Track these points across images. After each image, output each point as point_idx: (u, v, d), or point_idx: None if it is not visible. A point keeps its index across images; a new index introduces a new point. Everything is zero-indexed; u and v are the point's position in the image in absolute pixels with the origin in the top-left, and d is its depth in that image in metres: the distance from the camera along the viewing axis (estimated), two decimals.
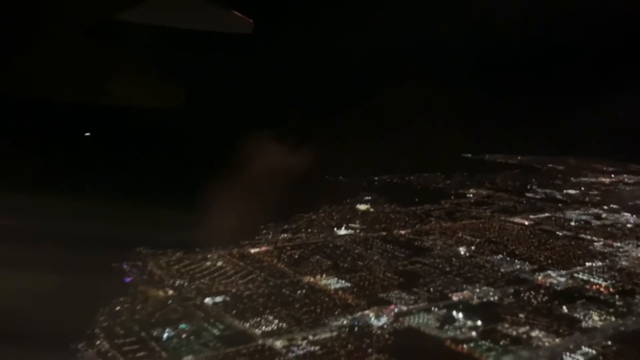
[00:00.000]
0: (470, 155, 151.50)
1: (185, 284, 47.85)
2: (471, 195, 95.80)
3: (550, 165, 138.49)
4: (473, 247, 63.22)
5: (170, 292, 45.79)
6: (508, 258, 59.69)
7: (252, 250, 58.63)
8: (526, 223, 76.74)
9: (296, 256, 57.58)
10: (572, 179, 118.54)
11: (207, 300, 44.48)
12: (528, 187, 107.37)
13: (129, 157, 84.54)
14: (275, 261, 55.66)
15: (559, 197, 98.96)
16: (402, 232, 69.10)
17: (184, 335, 37.77)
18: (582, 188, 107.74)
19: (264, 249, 59.47)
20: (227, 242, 60.44)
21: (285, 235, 64.89)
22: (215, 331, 38.69)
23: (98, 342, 35.92)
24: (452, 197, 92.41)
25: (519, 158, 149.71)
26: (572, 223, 77.68)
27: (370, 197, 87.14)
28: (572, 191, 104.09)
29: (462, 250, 62.12)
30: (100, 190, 61.86)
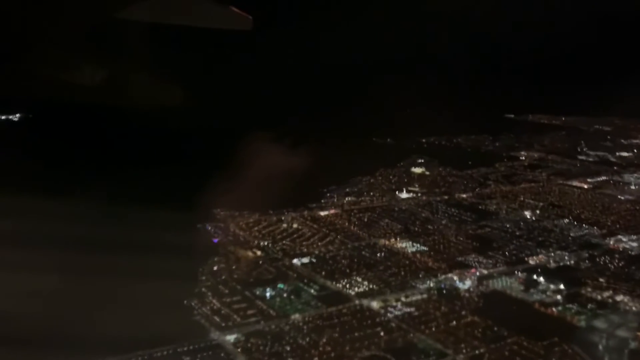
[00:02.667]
0: (513, 115, 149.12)
1: (270, 244, 49.93)
2: (523, 157, 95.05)
3: (597, 126, 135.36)
4: (538, 211, 63.60)
5: (259, 252, 47.96)
6: (575, 222, 60.00)
7: (322, 213, 60.25)
8: (585, 187, 76.30)
9: (365, 219, 59.02)
10: (623, 140, 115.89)
11: (295, 261, 46.50)
12: (579, 149, 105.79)
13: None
14: (346, 224, 57.23)
15: (613, 159, 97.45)
16: (464, 195, 69.68)
17: (284, 295, 40.00)
18: (635, 150, 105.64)
19: (332, 211, 61.02)
20: (296, 205, 62.41)
21: (350, 198, 66.23)
22: (312, 291, 40.77)
23: (208, 300, 38.40)
24: (505, 160, 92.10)
25: (563, 119, 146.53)
26: (632, 187, 76.97)
27: (422, 160, 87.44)
28: (625, 153, 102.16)
29: (527, 214, 62.60)
30: (153, 170, 63.09)
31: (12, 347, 29.03)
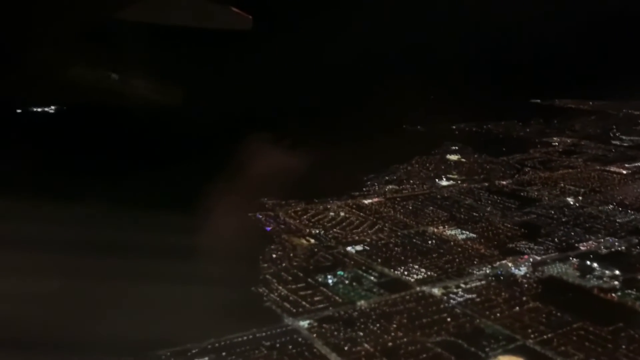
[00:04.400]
0: (539, 101, 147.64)
1: (322, 232, 50.81)
2: (557, 143, 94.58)
3: (626, 110, 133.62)
4: (580, 197, 63.62)
5: (312, 240, 48.88)
6: (620, 208, 59.95)
7: (366, 201, 60.92)
8: (624, 172, 75.89)
9: (410, 207, 59.56)
10: None
11: (349, 248, 47.34)
12: (611, 134, 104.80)
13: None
14: (392, 212, 57.83)
15: None
16: (504, 182, 69.86)
17: (346, 282, 40.93)
18: None
19: (375, 200, 61.64)
20: (339, 194, 63.15)
21: (391, 186, 66.73)
22: (372, 278, 41.59)
23: (274, 287, 39.48)
24: (539, 146, 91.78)
25: (590, 103, 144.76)
26: None
27: (456, 147, 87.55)
28: None
29: (570, 200, 62.66)
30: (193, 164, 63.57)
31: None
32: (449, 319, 35.96)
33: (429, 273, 43.00)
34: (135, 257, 39.44)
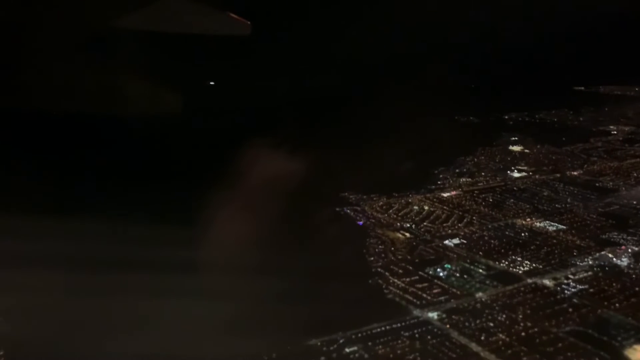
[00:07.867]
0: (583, 88, 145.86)
1: (413, 226, 52.05)
2: (615, 132, 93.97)
3: None
4: None
5: (407, 234, 50.18)
6: None
7: (445, 195, 61.87)
8: None
9: (490, 200, 60.36)
10: None
11: (447, 242, 48.51)
12: None
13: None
14: (474, 205, 58.70)
15: None
16: (575, 173, 70.14)
17: (457, 274, 42.19)
18: None
19: (454, 193, 62.54)
20: (414, 187, 64.17)
21: (464, 179, 67.46)
22: (481, 271, 42.76)
23: (391, 281, 40.94)
24: (598, 135, 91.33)
25: (636, 89, 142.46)
26: None
27: (517, 138, 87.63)
28: None
29: None
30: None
31: None
32: (570, 309, 37.03)
33: (533, 265, 43.98)
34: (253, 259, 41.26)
